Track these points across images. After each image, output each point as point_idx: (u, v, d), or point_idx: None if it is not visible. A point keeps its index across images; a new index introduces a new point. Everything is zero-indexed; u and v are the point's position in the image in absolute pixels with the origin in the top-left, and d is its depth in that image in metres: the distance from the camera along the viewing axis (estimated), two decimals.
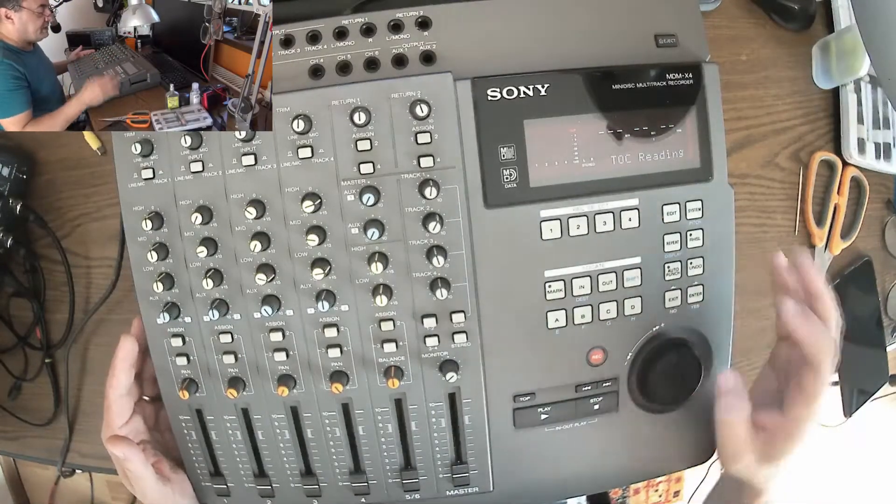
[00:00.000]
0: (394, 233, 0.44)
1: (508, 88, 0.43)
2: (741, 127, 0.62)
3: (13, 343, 0.61)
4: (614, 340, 0.47)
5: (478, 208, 0.44)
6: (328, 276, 0.44)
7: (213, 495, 0.49)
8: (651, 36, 0.46)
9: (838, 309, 0.43)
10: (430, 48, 0.44)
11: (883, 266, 0.71)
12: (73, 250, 0.59)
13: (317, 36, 0.44)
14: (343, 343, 0.45)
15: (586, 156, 0.45)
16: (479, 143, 0.44)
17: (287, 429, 0.47)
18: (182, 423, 0.48)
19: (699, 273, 0.47)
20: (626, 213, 0.45)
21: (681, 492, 1.47)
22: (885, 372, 0.74)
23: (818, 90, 0.64)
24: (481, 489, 0.49)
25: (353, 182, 0.43)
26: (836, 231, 0.66)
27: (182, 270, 0.44)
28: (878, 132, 0.66)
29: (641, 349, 0.48)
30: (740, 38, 0.62)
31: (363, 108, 0.42)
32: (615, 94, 0.45)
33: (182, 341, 0.45)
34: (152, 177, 0.43)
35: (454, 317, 0.45)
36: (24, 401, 0.63)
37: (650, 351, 0.48)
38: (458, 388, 0.47)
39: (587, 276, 0.46)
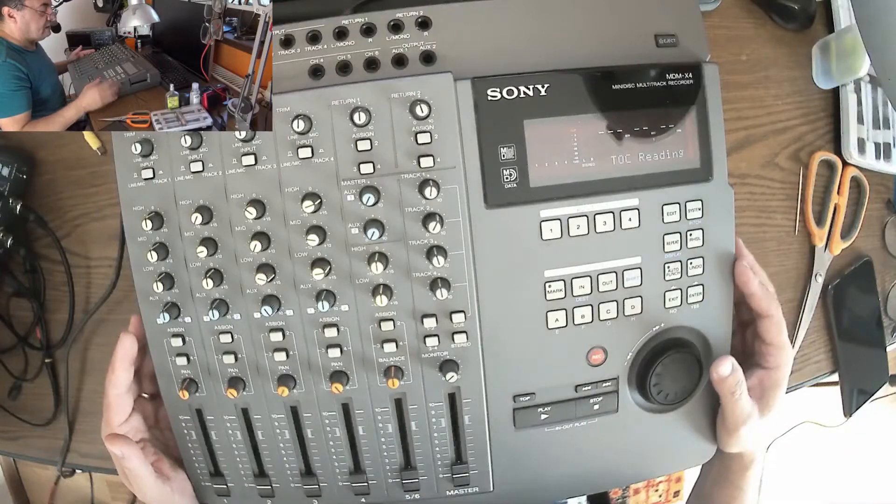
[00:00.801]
0: (394, 233, 0.44)
1: (508, 88, 0.43)
2: (741, 127, 0.62)
3: (13, 343, 0.61)
4: (614, 340, 0.47)
5: (478, 208, 0.44)
6: (328, 276, 0.44)
7: (213, 495, 0.49)
8: (651, 36, 0.46)
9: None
10: (430, 48, 0.44)
11: (883, 266, 0.71)
12: (73, 250, 0.59)
13: (317, 36, 0.44)
14: (343, 343, 0.45)
15: (586, 156, 0.45)
16: (479, 143, 0.44)
17: (287, 429, 0.47)
18: (182, 423, 0.48)
19: (699, 273, 0.48)
20: (626, 213, 0.45)
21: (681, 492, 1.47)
22: (885, 372, 0.74)
23: (818, 90, 0.64)
24: (481, 489, 0.49)
25: (353, 182, 0.43)
26: (836, 231, 0.66)
27: (182, 270, 0.44)
28: (878, 132, 0.66)
29: (641, 349, 0.48)
30: (740, 38, 0.62)
31: (363, 108, 0.42)
32: (615, 94, 0.45)
33: (182, 341, 0.45)
34: (152, 177, 0.43)
35: (454, 317, 0.45)
36: (24, 401, 0.63)
37: (650, 351, 0.48)
38: (458, 388, 0.47)
39: (587, 276, 0.46)
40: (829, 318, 0.67)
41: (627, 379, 0.49)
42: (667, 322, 0.48)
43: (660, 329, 0.48)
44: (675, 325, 0.48)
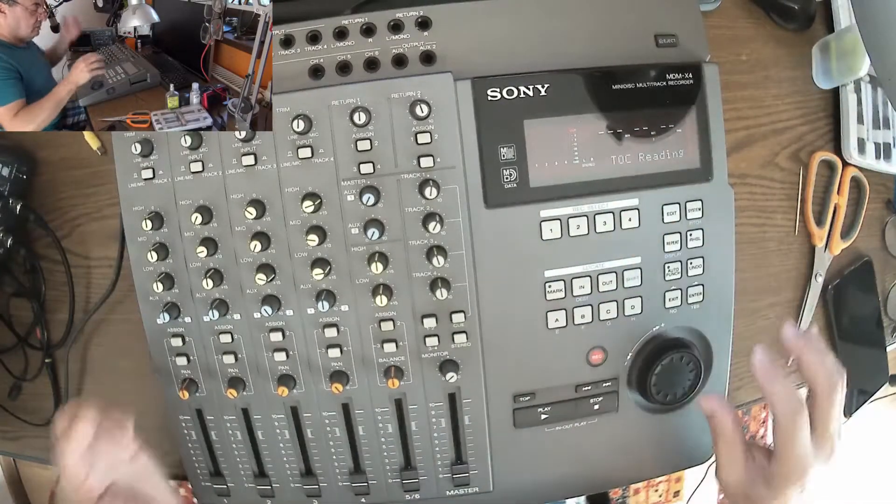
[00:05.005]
0: (394, 233, 0.44)
1: (508, 88, 0.43)
2: (741, 127, 0.62)
3: (13, 343, 0.61)
4: (614, 340, 0.47)
5: (478, 208, 0.44)
6: (328, 276, 0.44)
7: (213, 495, 0.49)
8: (651, 36, 0.46)
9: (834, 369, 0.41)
10: (430, 48, 0.44)
11: (883, 266, 0.71)
12: (73, 250, 0.59)
13: (317, 36, 0.44)
14: (343, 343, 0.45)
15: (586, 156, 0.45)
16: (479, 143, 0.44)
17: (287, 429, 0.47)
18: (182, 423, 0.48)
19: (699, 273, 0.48)
20: (626, 213, 0.45)
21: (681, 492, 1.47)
22: (885, 372, 0.74)
23: (818, 90, 0.64)
24: (481, 489, 0.49)
25: (353, 182, 0.43)
26: (836, 231, 0.66)
27: (182, 270, 0.44)
28: (878, 132, 0.66)
29: (641, 349, 0.48)
30: (740, 38, 0.62)
31: (363, 108, 0.42)
32: (615, 94, 0.45)
33: (182, 341, 0.45)
34: (152, 177, 0.43)
35: (454, 317, 0.45)
36: (24, 401, 0.62)
37: (650, 351, 0.48)
38: (458, 388, 0.47)
39: (587, 277, 0.46)
40: (829, 318, 0.67)
41: (627, 379, 0.49)
42: (667, 322, 0.48)
43: (660, 329, 0.48)
44: (676, 325, 0.48)
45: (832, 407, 0.41)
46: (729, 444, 0.44)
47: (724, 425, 0.44)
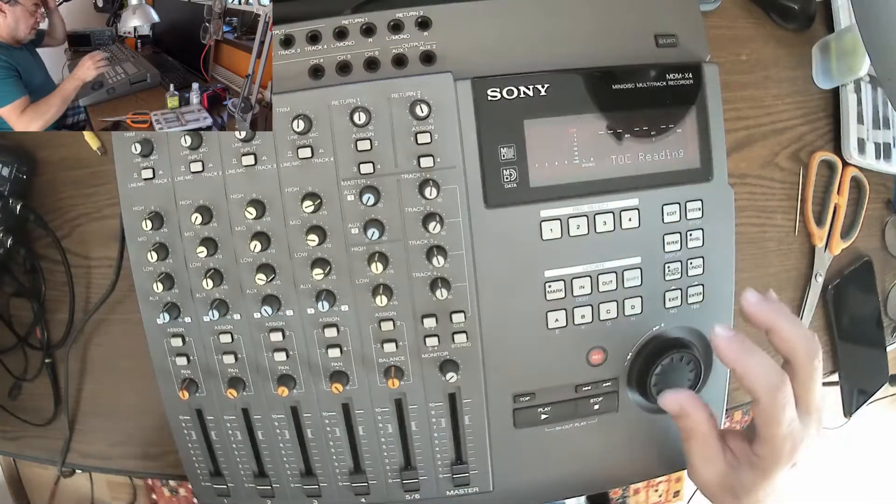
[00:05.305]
0: (394, 233, 0.44)
1: (508, 88, 0.43)
2: (741, 127, 0.62)
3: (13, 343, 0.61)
4: (614, 340, 0.47)
5: (478, 208, 0.44)
6: (328, 276, 0.44)
7: (213, 495, 0.49)
8: (651, 36, 0.46)
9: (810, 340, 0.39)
10: (430, 48, 0.44)
11: (883, 266, 0.71)
12: (73, 250, 0.59)
13: (317, 36, 0.44)
14: (343, 343, 0.45)
15: (586, 156, 0.45)
16: (479, 143, 0.44)
17: (287, 429, 0.48)
18: (182, 423, 0.48)
19: (699, 273, 0.48)
20: (626, 213, 0.45)
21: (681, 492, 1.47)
22: (885, 372, 0.74)
23: (818, 90, 0.64)
24: (481, 489, 0.49)
25: (353, 182, 0.43)
26: (836, 231, 0.66)
27: (182, 270, 0.44)
28: (878, 132, 0.66)
29: (641, 349, 0.48)
30: (740, 38, 0.62)
31: (363, 108, 0.42)
32: (615, 94, 0.45)
33: (182, 341, 0.45)
34: (152, 177, 0.43)
35: (454, 317, 0.45)
36: (24, 401, 0.63)
37: (650, 351, 0.48)
38: (458, 388, 0.47)
39: (587, 277, 0.46)
40: (829, 318, 0.67)
41: (627, 379, 0.49)
42: (667, 322, 0.48)
43: (660, 329, 0.48)
44: (676, 325, 0.48)
45: (813, 375, 0.38)
46: (703, 442, 0.41)
47: (697, 424, 0.41)
